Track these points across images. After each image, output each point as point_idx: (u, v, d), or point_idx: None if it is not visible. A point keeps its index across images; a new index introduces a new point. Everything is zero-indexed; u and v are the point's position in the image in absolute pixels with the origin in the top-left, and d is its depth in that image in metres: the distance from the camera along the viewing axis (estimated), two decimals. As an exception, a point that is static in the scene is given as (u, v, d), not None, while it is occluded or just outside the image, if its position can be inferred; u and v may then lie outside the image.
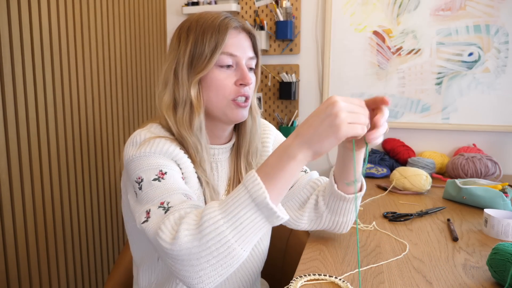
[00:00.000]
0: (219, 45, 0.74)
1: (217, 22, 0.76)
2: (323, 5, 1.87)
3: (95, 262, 1.61)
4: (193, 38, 0.76)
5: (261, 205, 0.55)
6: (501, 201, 1.10)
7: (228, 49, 0.76)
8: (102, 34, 1.59)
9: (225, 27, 0.75)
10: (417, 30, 1.74)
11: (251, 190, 0.56)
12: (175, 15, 2.15)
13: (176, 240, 0.56)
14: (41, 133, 1.30)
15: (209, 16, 0.78)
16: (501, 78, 1.65)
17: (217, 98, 0.78)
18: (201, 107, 0.77)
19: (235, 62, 0.78)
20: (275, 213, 0.56)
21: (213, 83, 0.77)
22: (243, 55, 0.78)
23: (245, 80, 0.77)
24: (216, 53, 0.74)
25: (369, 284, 0.70)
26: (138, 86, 1.89)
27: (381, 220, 1.05)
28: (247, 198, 0.56)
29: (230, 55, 0.77)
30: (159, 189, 0.67)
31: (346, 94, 1.87)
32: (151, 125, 0.81)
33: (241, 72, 0.78)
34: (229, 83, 0.77)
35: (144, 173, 0.70)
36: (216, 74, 0.77)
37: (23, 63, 1.21)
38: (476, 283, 0.69)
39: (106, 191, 1.66)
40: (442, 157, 1.67)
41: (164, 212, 0.63)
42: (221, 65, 0.76)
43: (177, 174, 0.73)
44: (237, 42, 0.77)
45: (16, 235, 1.22)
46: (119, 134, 1.75)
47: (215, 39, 0.74)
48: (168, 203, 0.64)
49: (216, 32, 0.75)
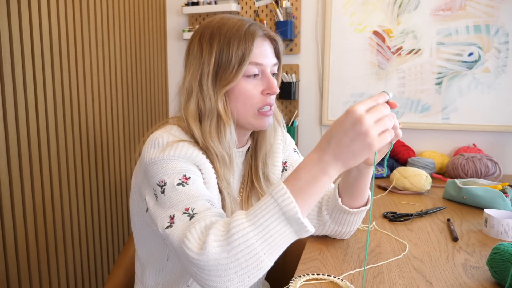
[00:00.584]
0: (247, 55, 0.72)
1: (243, 30, 0.74)
2: (323, 5, 1.87)
3: (95, 262, 1.61)
4: (217, 48, 0.73)
5: (292, 219, 0.56)
6: (501, 201, 1.10)
7: (255, 58, 0.74)
8: (102, 34, 1.59)
9: (251, 36, 0.73)
10: (417, 30, 1.74)
11: (282, 203, 0.56)
12: (175, 15, 2.15)
13: (204, 251, 0.56)
14: (41, 133, 1.30)
15: (232, 23, 0.75)
16: (501, 78, 1.65)
17: (244, 109, 0.76)
18: (230, 119, 0.76)
19: (260, 71, 0.76)
20: (305, 227, 0.56)
21: (241, 94, 0.75)
22: (269, 63, 0.77)
23: (272, 89, 0.76)
24: (244, 64, 0.73)
25: (369, 284, 0.70)
26: (138, 86, 1.89)
27: (381, 220, 1.05)
28: (277, 211, 0.56)
29: (257, 65, 0.75)
30: (183, 194, 0.66)
31: (346, 94, 1.87)
32: (171, 127, 0.77)
33: (268, 82, 0.77)
34: (256, 93, 0.76)
35: (167, 177, 0.68)
36: (243, 85, 0.75)
37: (23, 63, 1.21)
38: (476, 283, 0.69)
39: (106, 191, 1.66)
40: (442, 157, 1.67)
41: (189, 219, 0.62)
42: (248, 75, 0.75)
43: (200, 179, 0.72)
44: (263, 51, 0.76)
45: (16, 235, 1.22)
46: (119, 134, 1.75)
47: (242, 49, 0.72)
48: (193, 209, 0.64)
49: (242, 42, 0.73)
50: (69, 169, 1.44)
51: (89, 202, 1.55)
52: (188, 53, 0.79)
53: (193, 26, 2.08)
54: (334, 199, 0.81)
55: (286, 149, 0.96)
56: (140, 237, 0.86)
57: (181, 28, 2.13)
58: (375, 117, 0.56)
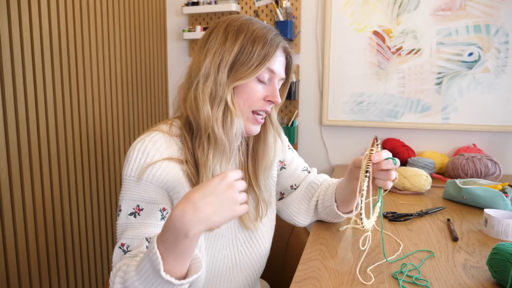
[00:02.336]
0: (267, 60, 0.75)
1: (270, 36, 0.77)
2: (323, 5, 1.87)
3: (95, 262, 1.61)
4: (242, 41, 0.75)
5: (160, 275, 0.58)
6: (501, 201, 1.10)
7: (272, 65, 0.77)
8: (102, 34, 1.59)
9: (277, 44, 0.77)
10: (417, 30, 1.74)
11: (151, 258, 0.58)
12: (175, 15, 2.15)
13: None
14: (41, 133, 1.30)
15: (261, 25, 0.78)
16: (501, 78, 1.65)
17: (243, 107, 0.79)
18: (239, 112, 0.78)
19: (269, 79, 0.79)
20: (173, 284, 0.58)
21: (246, 93, 0.77)
22: (280, 74, 0.80)
23: (274, 98, 0.79)
24: (263, 66, 0.75)
25: (369, 284, 0.70)
26: (138, 86, 1.89)
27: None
28: (150, 267, 0.59)
29: (271, 72, 0.78)
30: (130, 225, 0.72)
31: (346, 94, 1.87)
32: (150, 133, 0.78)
33: (273, 90, 0.79)
34: (259, 97, 0.79)
35: (124, 203, 0.74)
36: (253, 85, 0.78)
37: (23, 63, 1.21)
38: (476, 283, 0.69)
39: (106, 191, 1.66)
40: (442, 157, 1.67)
41: (123, 254, 0.70)
42: (260, 79, 0.78)
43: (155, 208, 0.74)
44: (280, 61, 0.80)
45: (16, 235, 1.22)
46: (119, 133, 1.75)
47: (265, 52, 0.75)
48: (128, 246, 0.70)
49: (267, 46, 0.76)
50: (69, 169, 1.44)
51: (89, 202, 1.55)
52: (208, 38, 0.78)
53: (193, 26, 2.08)
54: (331, 202, 0.92)
55: (282, 149, 0.99)
56: None
57: (181, 28, 2.13)
58: (242, 187, 0.61)
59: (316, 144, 1.98)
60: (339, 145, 1.94)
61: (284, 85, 0.87)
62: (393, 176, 0.74)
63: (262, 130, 0.87)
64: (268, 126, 0.87)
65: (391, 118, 1.82)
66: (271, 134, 0.88)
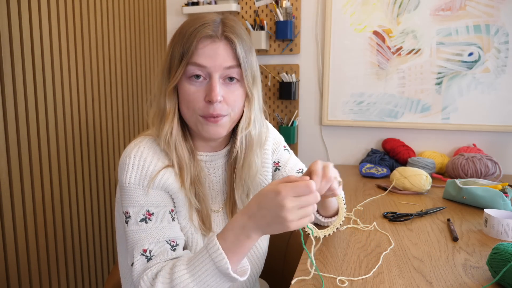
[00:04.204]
0: (185, 55, 0.70)
1: (190, 29, 0.71)
2: (323, 5, 1.87)
3: (95, 262, 1.61)
4: (171, 47, 0.73)
5: (224, 273, 0.63)
6: (501, 201, 1.10)
7: (197, 59, 0.70)
8: (102, 34, 1.59)
9: (193, 36, 0.70)
10: (417, 30, 1.74)
11: (215, 259, 0.63)
12: (175, 15, 2.15)
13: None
14: (41, 133, 1.30)
15: (190, 23, 0.73)
16: (501, 78, 1.65)
17: (188, 112, 0.74)
18: (171, 117, 0.74)
19: (206, 74, 0.71)
20: (236, 279, 0.64)
21: (183, 96, 0.73)
22: (216, 66, 0.70)
23: (210, 95, 0.70)
24: (182, 63, 0.71)
25: (369, 284, 0.70)
26: (138, 86, 1.89)
27: (381, 220, 1.05)
28: (212, 265, 0.63)
29: (199, 66, 0.70)
30: (144, 232, 0.71)
31: (346, 94, 1.87)
32: (143, 138, 0.78)
33: (209, 87, 0.71)
34: (199, 98, 0.72)
35: (132, 209, 0.72)
36: (186, 86, 0.72)
37: (23, 63, 1.21)
38: (476, 283, 0.69)
39: (106, 191, 1.66)
40: (442, 157, 1.67)
41: (146, 261, 0.69)
42: (189, 76, 0.72)
43: (165, 210, 0.74)
44: (209, 52, 0.70)
45: (16, 235, 1.22)
46: (119, 134, 1.75)
47: (183, 48, 0.71)
48: (151, 251, 0.70)
49: (185, 41, 0.71)
50: (69, 169, 1.44)
51: (89, 202, 1.55)
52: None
53: (193, 26, 2.08)
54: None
55: (276, 150, 0.95)
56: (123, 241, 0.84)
57: (181, 28, 2.13)
58: (298, 204, 0.60)
59: (316, 144, 1.98)
60: (339, 145, 1.94)
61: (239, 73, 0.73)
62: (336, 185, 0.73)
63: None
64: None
65: (391, 118, 1.82)
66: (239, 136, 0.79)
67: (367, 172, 1.61)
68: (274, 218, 0.60)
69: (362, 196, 1.29)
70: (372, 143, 1.88)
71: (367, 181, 1.53)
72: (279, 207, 0.59)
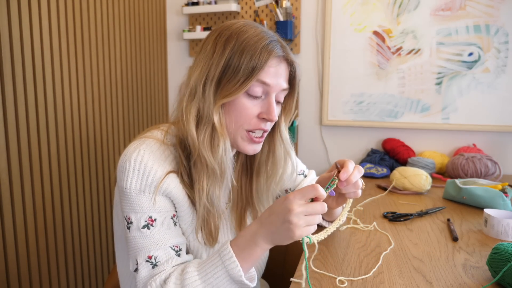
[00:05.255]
0: (256, 72, 0.67)
1: (261, 44, 0.68)
2: (323, 5, 1.87)
3: (95, 262, 1.61)
4: (230, 52, 0.68)
5: (236, 280, 0.64)
6: (501, 201, 1.10)
7: (264, 77, 0.69)
8: (102, 34, 1.59)
9: (268, 53, 0.68)
10: (417, 30, 1.74)
11: (228, 266, 0.63)
12: (175, 15, 2.15)
13: None
14: (41, 133, 1.30)
15: (254, 32, 0.70)
16: (501, 78, 1.65)
17: (235, 126, 0.72)
18: (226, 134, 0.72)
19: (265, 92, 0.72)
20: (248, 286, 0.65)
21: (236, 110, 0.71)
22: (277, 86, 0.71)
23: (269, 115, 0.71)
24: (251, 80, 0.67)
25: (369, 284, 0.70)
26: (138, 86, 1.89)
27: (381, 220, 1.05)
28: (224, 272, 0.64)
29: (263, 84, 0.70)
30: (148, 238, 0.69)
31: (346, 94, 1.87)
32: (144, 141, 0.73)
33: (268, 107, 0.71)
34: (253, 114, 0.71)
35: (134, 215, 0.69)
36: (243, 101, 0.70)
37: (23, 63, 1.21)
38: (476, 283, 0.69)
39: (106, 191, 1.66)
40: (442, 157, 1.67)
41: (151, 267, 0.68)
42: (251, 94, 0.70)
43: (167, 216, 0.72)
44: (274, 72, 0.70)
45: (16, 235, 1.22)
46: (119, 134, 1.75)
47: (253, 63, 0.67)
48: (156, 258, 0.69)
49: (256, 56, 0.67)
50: (69, 169, 1.44)
51: (89, 202, 1.55)
52: (200, 50, 0.74)
53: (193, 26, 2.08)
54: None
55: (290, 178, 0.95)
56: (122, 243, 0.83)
57: (181, 28, 2.13)
58: (305, 211, 0.61)
59: (316, 144, 1.98)
60: (339, 145, 1.94)
61: (289, 97, 0.78)
62: (360, 184, 0.74)
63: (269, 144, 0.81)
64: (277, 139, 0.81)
65: (391, 118, 1.82)
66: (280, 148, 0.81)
67: (367, 172, 1.61)
68: (282, 223, 0.61)
69: (362, 196, 1.29)
70: (372, 143, 1.88)
71: (367, 181, 1.53)
72: (286, 211, 0.60)
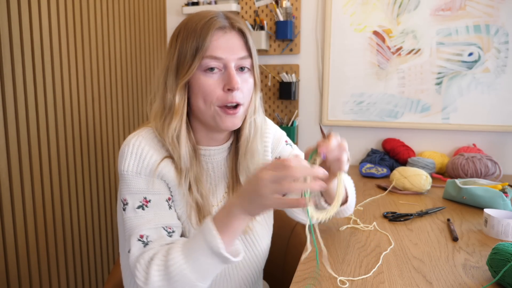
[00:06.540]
0: (200, 49, 0.71)
1: (201, 24, 0.72)
2: (323, 5, 1.87)
3: (95, 262, 1.61)
4: (180, 43, 0.74)
5: (216, 252, 0.63)
6: (501, 201, 1.10)
7: (212, 52, 0.72)
8: (102, 34, 1.59)
9: (207, 29, 0.72)
10: (417, 30, 1.74)
11: (208, 239, 0.64)
12: (175, 15, 2.15)
13: (148, 280, 0.65)
14: (41, 133, 1.30)
15: (196, 18, 0.74)
16: (501, 78, 1.65)
17: (204, 105, 0.74)
18: (180, 112, 0.75)
19: (222, 65, 0.74)
20: (229, 260, 0.64)
21: (199, 89, 0.74)
22: (231, 56, 0.74)
23: (231, 84, 0.72)
24: (197, 58, 0.72)
25: (369, 284, 0.70)
26: (138, 86, 1.89)
27: (381, 220, 1.05)
28: (204, 245, 0.64)
29: (214, 58, 0.72)
30: (141, 218, 0.72)
31: (346, 94, 1.87)
32: (143, 129, 0.80)
33: (228, 76, 0.73)
34: (217, 89, 0.73)
35: (130, 196, 0.74)
36: (201, 79, 0.73)
37: (23, 63, 1.21)
38: (476, 283, 0.69)
39: (106, 191, 1.66)
40: (442, 157, 1.67)
41: (143, 246, 0.70)
42: (205, 69, 0.73)
43: (162, 198, 0.75)
44: (223, 43, 0.73)
45: (16, 235, 1.22)
46: (119, 134, 1.75)
47: (196, 42, 0.72)
48: (147, 237, 0.71)
49: (198, 35, 0.72)
50: (69, 169, 1.44)
51: (89, 202, 1.55)
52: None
53: (193, 26, 2.08)
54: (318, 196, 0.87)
55: (277, 145, 0.95)
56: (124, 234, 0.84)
57: (181, 28, 2.13)
58: (274, 177, 0.59)
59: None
60: (339, 145, 1.94)
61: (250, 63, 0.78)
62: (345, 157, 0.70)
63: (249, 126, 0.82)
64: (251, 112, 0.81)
65: (391, 118, 1.82)
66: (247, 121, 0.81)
67: (367, 172, 1.61)
68: (253, 192, 0.62)
69: (362, 196, 1.29)
70: (372, 143, 1.88)
71: (367, 181, 1.53)
72: (255, 179, 0.61)
